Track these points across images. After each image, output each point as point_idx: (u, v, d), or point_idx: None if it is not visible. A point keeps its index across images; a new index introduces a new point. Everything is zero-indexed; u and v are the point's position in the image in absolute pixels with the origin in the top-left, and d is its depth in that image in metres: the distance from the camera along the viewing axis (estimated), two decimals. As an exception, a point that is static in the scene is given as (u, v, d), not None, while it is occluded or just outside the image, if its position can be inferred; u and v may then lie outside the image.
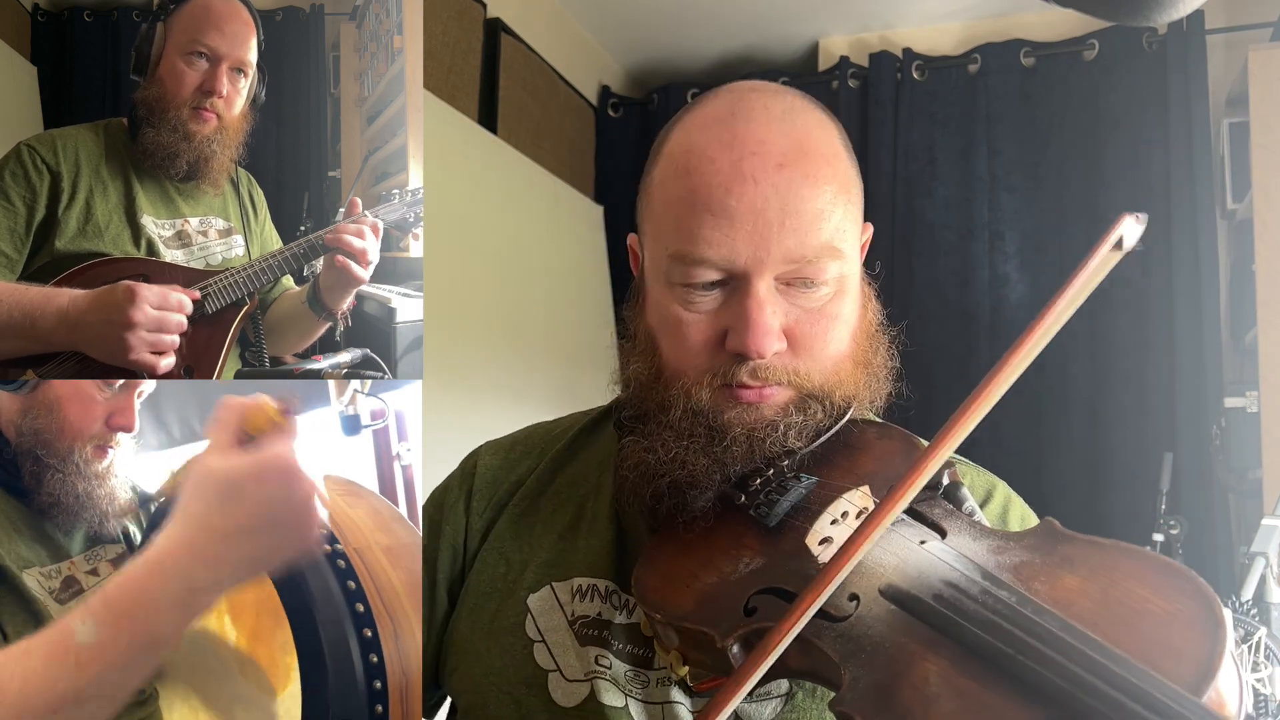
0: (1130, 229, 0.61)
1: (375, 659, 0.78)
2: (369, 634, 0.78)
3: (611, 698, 0.75)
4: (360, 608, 0.80)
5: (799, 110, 0.76)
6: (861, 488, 0.71)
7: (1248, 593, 1.89)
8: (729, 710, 0.57)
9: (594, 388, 0.90)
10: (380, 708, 0.78)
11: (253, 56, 1.13)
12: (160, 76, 1.10)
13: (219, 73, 1.10)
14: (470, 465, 0.94)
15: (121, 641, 0.62)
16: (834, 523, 0.69)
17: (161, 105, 1.09)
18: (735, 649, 0.64)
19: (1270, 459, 2.37)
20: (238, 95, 1.13)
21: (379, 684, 0.78)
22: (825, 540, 0.68)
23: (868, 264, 0.82)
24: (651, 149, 0.81)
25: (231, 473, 0.64)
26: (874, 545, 0.64)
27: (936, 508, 0.68)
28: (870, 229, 0.82)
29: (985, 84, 2.99)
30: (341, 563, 0.81)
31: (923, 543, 0.64)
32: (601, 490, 0.86)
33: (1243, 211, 2.66)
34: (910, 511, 0.67)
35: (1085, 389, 2.81)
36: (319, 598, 0.79)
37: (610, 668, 0.77)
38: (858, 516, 0.69)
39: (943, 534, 0.65)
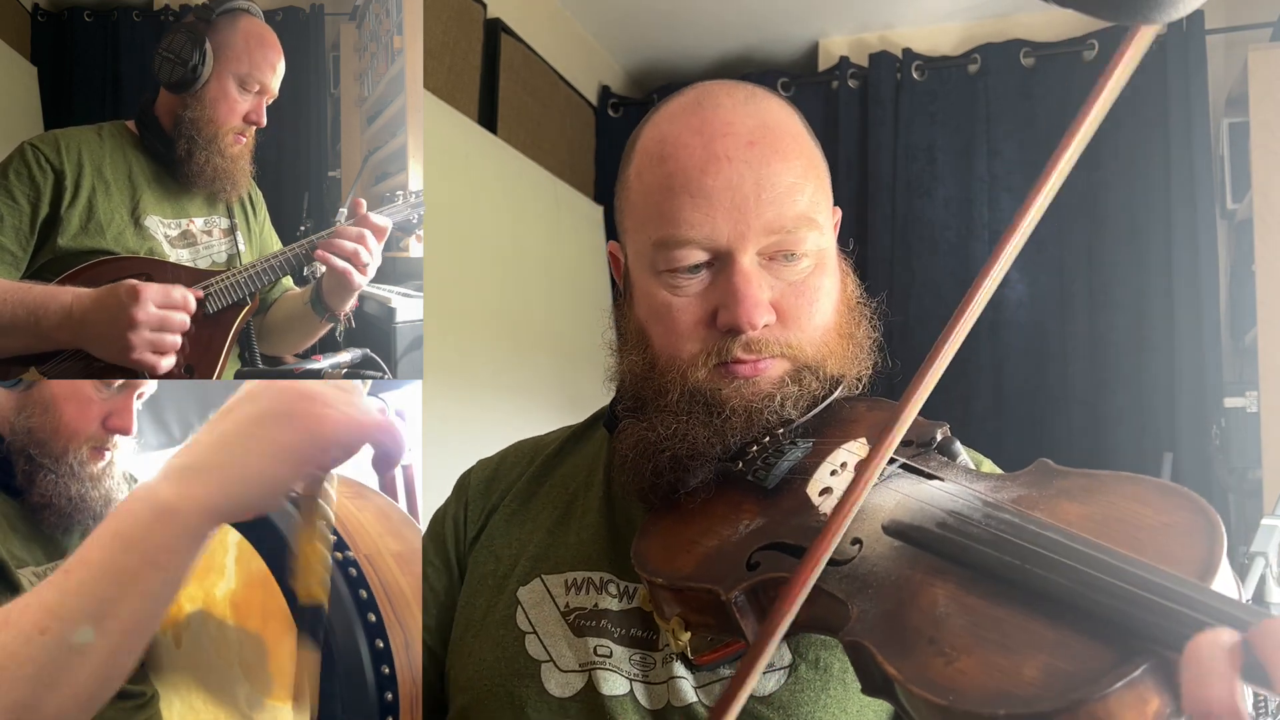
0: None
1: (387, 670, 0.76)
2: (380, 645, 0.76)
3: (612, 686, 0.75)
4: (372, 618, 0.77)
5: (761, 96, 0.80)
6: (859, 439, 0.72)
7: (1248, 593, 1.89)
8: (764, 662, 0.55)
9: (594, 388, 0.90)
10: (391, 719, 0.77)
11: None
12: (209, 98, 1.11)
13: (261, 104, 1.13)
14: (464, 482, 0.95)
15: (97, 538, 0.59)
16: (834, 473, 0.69)
17: (210, 128, 1.11)
18: (740, 600, 0.64)
19: (1270, 459, 2.37)
20: (263, 119, 1.16)
21: (390, 696, 0.76)
22: (825, 490, 0.68)
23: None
24: (624, 152, 0.84)
25: None
26: (874, 489, 0.63)
27: (932, 460, 0.69)
28: (839, 213, 0.84)
29: (985, 84, 2.99)
30: (353, 570, 0.78)
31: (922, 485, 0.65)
32: (592, 485, 0.87)
33: (1243, 211, 2.66)
34: (906, 467, 0.68)
35: (1085, 389, 2.80)
36: (330, 607, 0.77)
37: (611, 655, 0.77)
38: (856, 466, 0.69)
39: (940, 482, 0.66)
